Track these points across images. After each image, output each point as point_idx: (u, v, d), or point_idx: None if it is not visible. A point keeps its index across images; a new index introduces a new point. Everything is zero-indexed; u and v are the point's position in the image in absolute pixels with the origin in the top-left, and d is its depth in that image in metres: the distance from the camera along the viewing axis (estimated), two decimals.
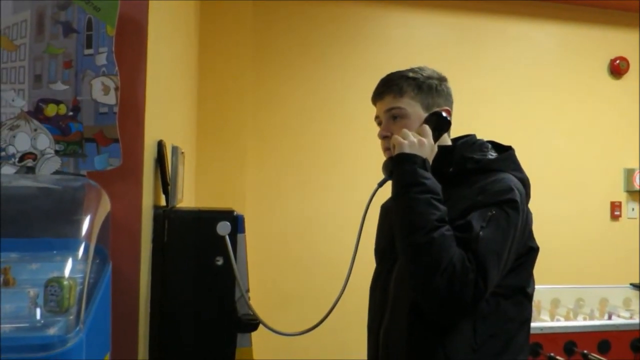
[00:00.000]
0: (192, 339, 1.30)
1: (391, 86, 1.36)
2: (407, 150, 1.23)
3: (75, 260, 0.81)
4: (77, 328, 0.73)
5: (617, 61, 3.91)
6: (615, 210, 3.91)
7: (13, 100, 0.95)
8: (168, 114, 1.50)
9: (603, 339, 2.34)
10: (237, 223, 1.33)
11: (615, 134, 3.92)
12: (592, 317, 2.68)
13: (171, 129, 1.55)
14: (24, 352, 0.69)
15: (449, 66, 3.68)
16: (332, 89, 3.43)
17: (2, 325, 0.72)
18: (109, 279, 0.91)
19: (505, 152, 1.36)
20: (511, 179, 1.25)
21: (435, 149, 1.30)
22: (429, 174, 1.22)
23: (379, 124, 1.42)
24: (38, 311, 0.74)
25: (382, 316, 1.36)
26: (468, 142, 1.37)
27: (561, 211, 3.67)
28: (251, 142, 3.21)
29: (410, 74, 1.36)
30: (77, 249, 0.83)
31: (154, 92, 1.18)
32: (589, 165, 3.79)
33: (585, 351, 2.27)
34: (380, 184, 1.31)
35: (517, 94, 3.68)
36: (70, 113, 0.97)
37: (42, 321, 0.74)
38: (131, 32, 1.05)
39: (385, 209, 1.51)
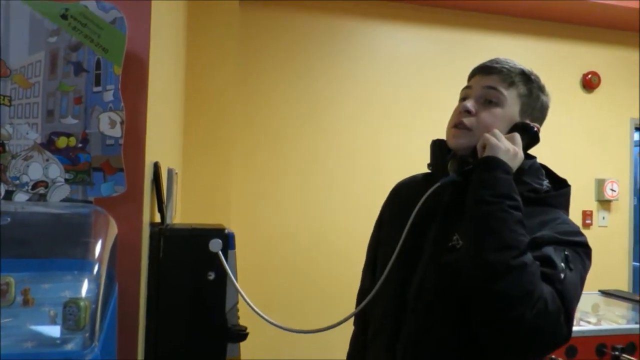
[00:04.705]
0: (185, 349, 1.39)
1: (503, 70, 1.21)
2: (502, 156, 1.09)
3: (88, 282, 0.90)
4: (93, 345, 0.82)
5: (589, 76, 4.07)
6: (586, 218, 4.07)
7: (27, 134, 1.04)
8: (163, 138, 1.60)
9: (570, 345, 2.47)
10: (228, 240, 1.43)
11: (588, 145, 4.09)
12: None
13: (165, 151, 1.65)
14: None
15: (430, 78, 3.84)
16: (317, 101, 3.54)
17: (25, 342, 0.82)
18: (116, 298, 1.01)
19: (559, 185, 1.24)
20: (572, 222, 1.16)
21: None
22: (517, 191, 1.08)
23: (464, 98, 1.25)
24: (58, 329, 0.83)
25: (398, 330, 1.19)
26: (533, 167, 1.22)
27: None
28: (237, 152, 3.29)
29: (529, 75, 1.23)
30: (89, 271, 0.92)
31: (153, 120, 1.27)
32: (562, 175, 3.94)
33: (553, 356, 2.40)
34: (446, 183, 1.16)
35: None
36: (80, 145, 1.06)
37: (61, 338, 0.83)
38: (134, 68, 1.14)
39: (406, 196, 1.32)
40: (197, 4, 2.97)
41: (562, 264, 1.02)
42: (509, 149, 1.10)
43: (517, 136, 1.15)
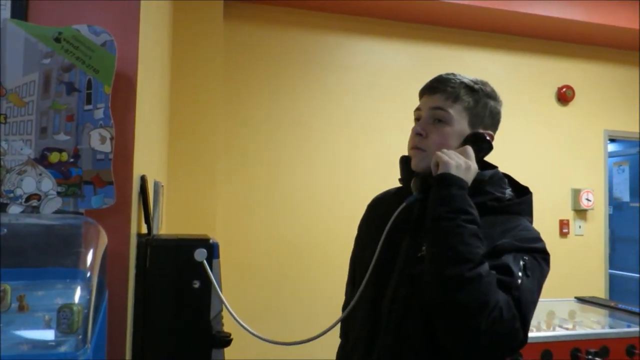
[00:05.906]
0: (170, 354, 1.45)
1: (447, 87, 1.25)
2: (454, 171, 1.13)
3: (80, 289, 0.96)
4: (85, 347, 0.88)
5: (564, 89, 4.20)
6: (563, 227, 4.18)
7: (21, 149, 1.10)
8: (150, 152, 1.66)
9: (545, 349, 2.55)
10: (212, 250, 1.49)
11: (563, 156, 4.21)
12: (538, 329, 2.89)
13: (151, 164, 1.71)
14: None
15: (408, 92, 3.95)
16: (301, 114, 3.62)
17: (21, 345, 0.87)
18: (106, 304, 1.07)
19: (522, 192, 1.28)
20: (533, 228, 1.20)
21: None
22: (473, 204, 1.12)
23: (417, 118, 1.30)
24: (52, 332, 0.89)
25: (374, 339, 1.24)
26: (495, 176, 1.26)
27: None
28: (221, 165, 3.35)
29: (473, 85, 1.26)
30: (80, 279, 0.98)
31: (140, 136, 1.34)
32: (539, 185, 4.06)
33: None
34: (411, 203, 1.20)
35: None
36: (71, 160, 1.12)
37: (55, 340, 0.89)
38: (123, 87, 1.21)
39: (381, 211, 1.35)
40: (183, 23, 3.04)
41: (520, 272, 1.06)
42: (460, 163, 1.14)
43: (469, 148, 1.19)
